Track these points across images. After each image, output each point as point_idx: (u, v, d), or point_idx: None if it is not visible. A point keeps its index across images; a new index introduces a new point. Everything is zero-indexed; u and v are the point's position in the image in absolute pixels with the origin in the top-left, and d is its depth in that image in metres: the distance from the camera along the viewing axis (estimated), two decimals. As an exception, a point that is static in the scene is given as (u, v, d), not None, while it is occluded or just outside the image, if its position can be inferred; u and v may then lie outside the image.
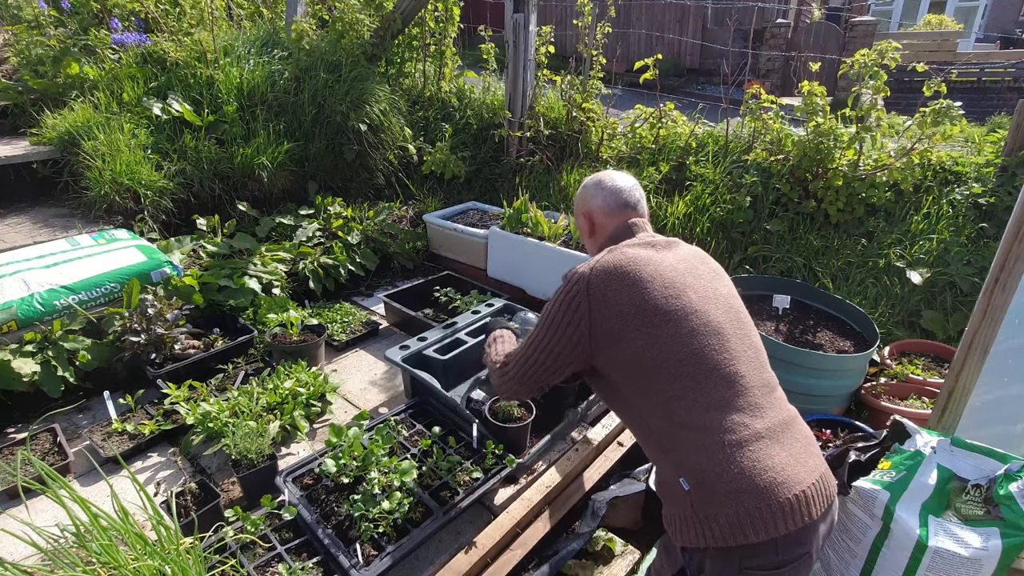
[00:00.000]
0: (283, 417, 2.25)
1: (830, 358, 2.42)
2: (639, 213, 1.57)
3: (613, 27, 4.31)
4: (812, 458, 1.24)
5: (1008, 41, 11.67)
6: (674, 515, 1.25)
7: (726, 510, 1.14)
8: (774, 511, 1.13)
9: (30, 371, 2.20)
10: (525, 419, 2.05)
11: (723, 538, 1.14)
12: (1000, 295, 1.72)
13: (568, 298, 1.35)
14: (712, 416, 1.20)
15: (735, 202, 3.54)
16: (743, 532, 1.13)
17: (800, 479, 1.17)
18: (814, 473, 1.21)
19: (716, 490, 1.16)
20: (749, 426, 1.19)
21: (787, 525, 1.14)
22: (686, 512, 1.20)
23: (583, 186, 1.63)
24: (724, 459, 1.16)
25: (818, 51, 9.61)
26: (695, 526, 1.18)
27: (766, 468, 1.16)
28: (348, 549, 1.64)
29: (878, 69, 3.14)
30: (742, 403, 1.21)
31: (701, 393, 1.21)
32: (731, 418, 1.20)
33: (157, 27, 4.17)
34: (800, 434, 1.27)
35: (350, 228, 3.71)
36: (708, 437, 1.19)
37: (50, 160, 3.52)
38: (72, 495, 1.31)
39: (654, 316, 1.27)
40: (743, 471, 1.15)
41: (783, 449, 1.20)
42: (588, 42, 4.22)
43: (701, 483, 1.18)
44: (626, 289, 1.30)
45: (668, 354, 1.25)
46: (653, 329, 1.26)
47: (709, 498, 1.16)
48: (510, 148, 4.51)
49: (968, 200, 3.18)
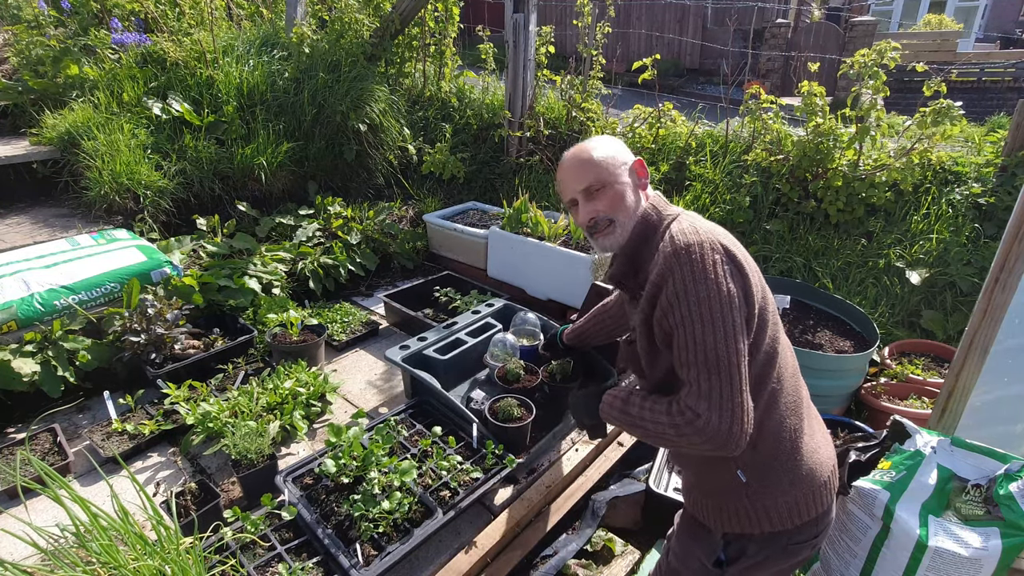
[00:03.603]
0: (283, 417, 2.24)
1: (830, 358, 2.42)
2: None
3: (613, 27, 4.31)
4: (827, 434, 1.33)
5: (1008, 41, 11.67)
6: (723, 506, 1.23)
7: (786, 498, 1.18)
8: (820, 491, 1.21)
9: (30, 371, 2.20)
10: (525, 419, 2.05)
11: (780, 522, 1.18)
12: (1000, 295, 1.72)
13: (713, 273, 1.05)
14: (782, 405, 1.19)
15: (735, 202, 3.54)
16: (799, 514, 1.19)
17: (831, 454, 1.26)
18: (832, 447, 1.30)
19: (780, 480, 1.18)
20: (798, 414, 1.22)
21: (828, 499, 1.23)
22: (740, 503, 1.20)
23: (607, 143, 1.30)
24: (782, 449, 1.19)
25: (818, 51, 9.61)
26: (751, 515, 1.20)
27: (812, 450, 1.22)
28: (348, 549, 1.64)
29: (878, 69, 3.14)
30: (795, 392, 1.24)
31: (779, 385, 1.18)
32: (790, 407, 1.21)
33: (157, 27, 4.17)
34: (815, 412, 1.33)
35: (350, 228, 3.71)
36: (783, 426, 1.19)
37: (50, 160, 3.52)
38: (72, 495, 1.31)
39: (760, 301, 1.13)
40: (802, 457, 1.20)
41: (818, 429, 1.27)
42: (588, 42, 4.22)
43: (763, 475, 1.18)
44: (738, 266, 1.11)
45: (768, 343, 1.14)
46: (761, 313, 1.12)
47: (770, 488, 1.18)
48: (510, 148, 4.51)
49: (968, 200, 3.18)
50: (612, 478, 2.33)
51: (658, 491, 2.15)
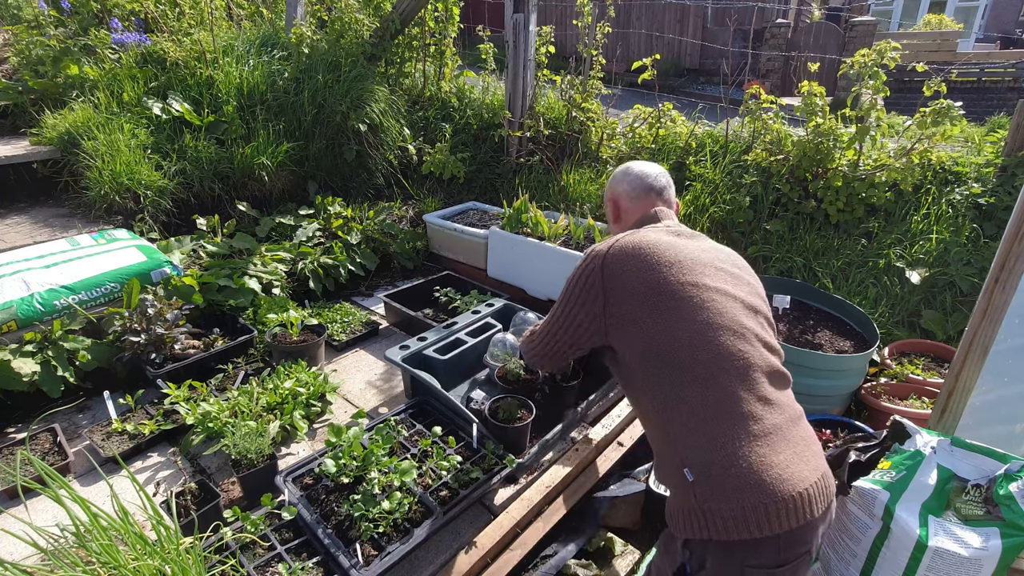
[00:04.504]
0: (283, 417, 2.24)
1: (830, 358, 2.42)
2: (665, 200, 1.60)
3: (613, 27, 4.31)
4: (815, 457, 1.24)
5: (1008, 41, 11.68)
6: (677, 507, 1.25)
7: (731, 504, 1.14)
8: (778, 507, 1.13)
9: (30, 371, 2.20)
10: (525, 419, 2.05)
11: (726, 531, 1.14)
12: (1000, 295, 1.72)
13: (584, 275, 1.40)
14: (722, 409, 1.19)
15: (735, 202, 3.54)
16: (746, 527, 1.13)
17: (803, 476, 1.18)
18: (816, 472, 1.21)
19: (722, 484, 1.16)
20: (758, 421, 1.19)
21: (789, 522, 1.14)
22: (689, 503, 1.20)
23: (612, 175, 1.70)
24: (732, 452, 1.16)
25: (818, 51, 9.62)
26: (698, 518, 1.18)
27: (772, 464, 1.16)
28: (348, 549, 1.64)
29: (878, 69, 3.14)
30: (752, 398, 1.21)
31: (713, 384, 1.20)
32: (741, 411, 1.19)
33: (157, 27, 4.17)
34: (805, 432, 1.27)
35: (350, 228, 3.71)
36: (716, 429, 1.18)
37: (50, 160, 3.52)
38: (72, 495, 1.31)
39: (669, 300, 1.26)
40: (750, 466, 1.15)
41: (789, 446, 1.20)
42: (588, 42, 4.22)
43: (707, 475, 1.17)
44: (641, 271, 1.30)
45: (680, 341, 1.23)
46: (666, 313, 1.25)
47: (714, 491, 1.16)
48: (510, 148, 4.51)
49: (968, 200, 3.18)
50: (612, 478, 2.33)
51: (658, 491, 2.15)
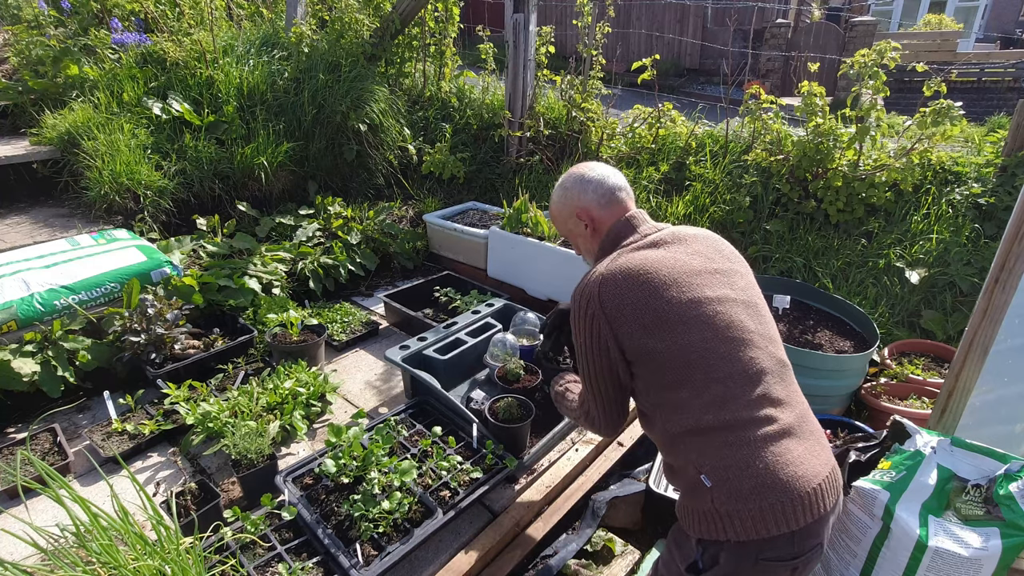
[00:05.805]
0: (283, 417, 2.24)
1: (830, 358, 2.42)
2: (629, 196, 1.51)
3: (613, 27, 4.31)
4: (824, 451, 1.27)
5: (1008, 41, 11.68)
6: (693, 509, 1.25)
7: (749, 505, 1.16)
8: (794, 505, 1.16)
9: (30, 371, 2.20)
10: (525, 419, 2.05)
11: (745, 532, 1.16)
12: (1000, 295, 1.72)
13: (587, 324, 1.33)
14: (739, 414, 1.21)
15: (735, 202, 3.54)
16: (765, 526, 1.15)
17: (816, 472, 1.20)
18: (827, 466, 1.24)
19: (740, 486, 1.17)
20: (772, 421, 1.21)
21: (804, 518, 1.17)
22: (706, 507, 1.21)
23: (562, 188, 1.52)
24: (749, 454, 1.18)
25: (818, 51, 9.61)
26: (716, 521, 1.19)
27: (787, 463, 1.18)
28: (348, 549, 1.64)
29: (878, 69, 3.14)
30: (766, 402, 1.23)
31: (731, 403, 1.22)
32: (757, 418, 1.21)
33: (157, 27, 4.17)
34: (813, 427, 1.29)
35: (350, 228, 3.71)
36: (733, 434, 1.20)
37: (50, 160, 3.52)
38: (72, 495, 1.31)
39: (677, 325, 1.26)
40: (767, 466, 1.17)
41: (801, 443, 1.22)
42: (588, 42, 4.22)
43: (725, 479, 1.18)
44: (642, 302, 1.28)
45: (694, 365, 1.24)
46: (677, 337, 1.26)
47: (732, 494, 1.17)
48: (510, 148, 4.51)
49: (968, 200, 3.18)
50: (612, 478, 2.33)
51: (658, 491, 2.14)
